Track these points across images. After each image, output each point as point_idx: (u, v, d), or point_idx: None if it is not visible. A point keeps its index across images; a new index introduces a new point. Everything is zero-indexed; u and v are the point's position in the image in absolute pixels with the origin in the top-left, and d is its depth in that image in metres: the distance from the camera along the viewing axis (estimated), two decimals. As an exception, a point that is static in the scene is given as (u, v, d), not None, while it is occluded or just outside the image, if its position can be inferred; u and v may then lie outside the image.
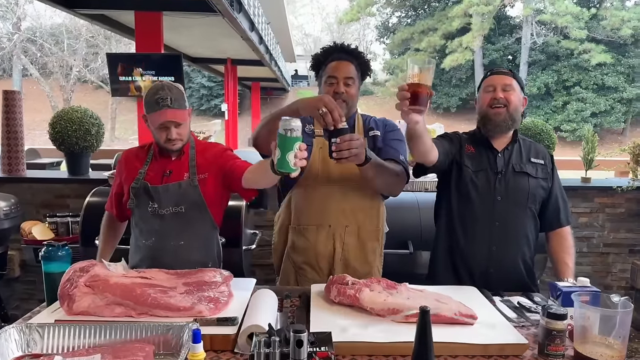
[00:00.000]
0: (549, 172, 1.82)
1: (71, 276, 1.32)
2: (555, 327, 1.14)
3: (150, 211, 1.76)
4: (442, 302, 1.34)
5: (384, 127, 1.92)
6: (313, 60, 1.89)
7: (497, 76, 1.79)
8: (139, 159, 1.84)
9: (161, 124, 1.69)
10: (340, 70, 1.77)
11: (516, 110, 1.77)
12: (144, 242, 1.78)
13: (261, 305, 1.33)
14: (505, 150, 1.81)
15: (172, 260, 1.74)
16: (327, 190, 1.81)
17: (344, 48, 1.84)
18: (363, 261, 1.86)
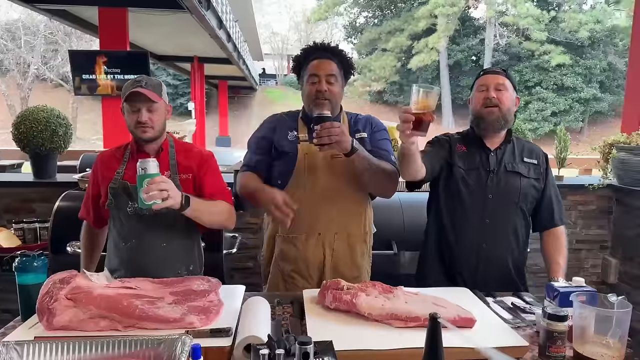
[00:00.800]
0: (542, 173, 1.83)
1: (50, 289, 1.23)
2: (557, 329, 1.14)
3: (130, 211, 1.69)
4: (441, 306, 1.32)
5: (370, 127, 1.89)
6: (294, 61, 1.88)
7: (490, 76, 1.80)
8: (116, 159, 1.77)
9: (132, 105, 1.64)
10: (321, 68, 1.75)
11: (508, 110, 1.77)
12: (123, 245, 1.71)
13: (256, 315, 1.28)
14: (498, 149, 1.82)
15: (154, 263, 1.69)
16: (315, 198, 1.77)
17: (324, 47, 1.81)
18: (352, 266, 1.84)
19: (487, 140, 1.83)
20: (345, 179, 1.77)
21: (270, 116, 1.96)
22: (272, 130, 1.86)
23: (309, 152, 1.77)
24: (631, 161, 3.06)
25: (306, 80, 1.78)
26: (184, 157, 1.77)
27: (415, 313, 1.27)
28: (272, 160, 1.83)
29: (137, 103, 1.64)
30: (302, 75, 1.82)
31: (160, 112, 1.70)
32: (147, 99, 1.64)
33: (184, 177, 1.74)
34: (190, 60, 15.60)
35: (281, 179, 1.80)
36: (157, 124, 1.69)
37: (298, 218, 1.74)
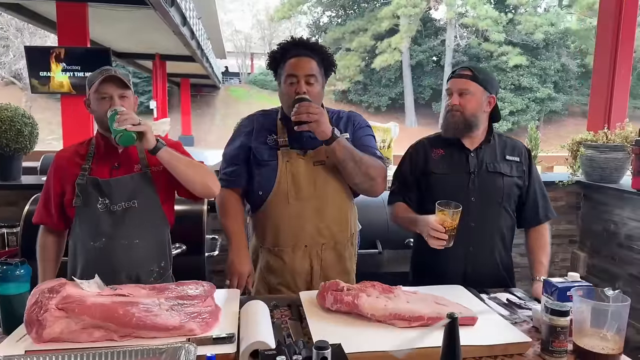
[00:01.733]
0: (524, 170, 1.82)
1: (39, 299, 1.15)
2: (559, 324, 1.16)
3: (100, 208, 1.61)
4: (442, 305, 1.33)
5: (352, 125, 1.81)
6: (269, 58, 1.75)
7: (456, 80, 1.75)
8: (79, 155, 1.68)
9: (103, 91, 1.58)
10: (300, 68, 1.64)
11: (473, 114, 1.73)
12: (92, 244, 1.62)
13: (257, 319, 1.24)
14: (478, 149, 1.79)
15: (126, 262, 1.63)
16: (299, 209, 1.69)
17: (303, 43, 1.70)
18: (342, 272, 1.79)
19: (465, 141, 1.79)
20: (329, 186, 1.71)
21: (245, 118, 1.86)
22: (248, 135, 1.76)
23: (290, 160, 1.70)
24: (598, 158, 3.18)
25: (284, 79, 1.67)
26: None
27: (419, 312, 1.27)
28: (251, 168, 1.75)
29: (108, 90, 1.58)
30: (279, 73, 1.71)
31: (130, 102, 1.64)
32: (119, 85, 1.59)
33: (155, 169, 1.68)
34: (151, 58, 15.21)
35: (262, 190, 1.72)
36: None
37: (283, 230, 1.72)
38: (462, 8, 25.74)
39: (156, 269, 1.70)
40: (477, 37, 25.48)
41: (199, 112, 27.58)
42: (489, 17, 23.89)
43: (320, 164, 1.70)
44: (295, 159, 1.70)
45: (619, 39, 3.31)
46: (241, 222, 1.77)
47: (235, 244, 1.72)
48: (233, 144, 1.79)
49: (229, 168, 1.77)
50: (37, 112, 24.43)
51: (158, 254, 1.72)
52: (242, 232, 1.75)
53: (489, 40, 24.74)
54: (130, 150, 1.68)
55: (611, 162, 3.15)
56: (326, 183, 1.71)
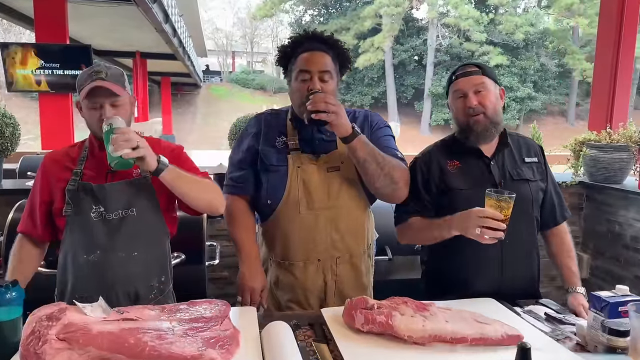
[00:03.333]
0: (543, 169, 1.69)
1: (36, 328, 1.00)
2: (619, 345, 1.07)
3: (94, 217, 1.46)
4: (484, 323, 1.21)
5: (369, 125, 1.65)
6: (279, 52, 1.59)
7: (466, 78, 1.56)
8: (70, 158, 1.53)
9: (93, 100, 1.43)
10: (314, 63, 1.48)
11: (495, 112, 1.57)
12: (85, 258, 1.46)
13: (283, 343, 1.12)
14: (496, 156, 1.62)
15: (124, 276, 1.47)
16: (312, 219, 1.55)
17: (317, 36, 1.54)
18: (358, 287, 1.65)
19: (482, 147, 1.62)
20: (344, 194, 1.57)
21: (252, 118, 1.70)
22: (255, 138, 1.61)
23: (302, 165, 1.55)
24: (602, 159, 3.13)
25: (295, 76, 1.52)
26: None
27: (461, 334, 1.16)
28: (259, 173, 1.60)
29: (98, 98, 1.43)
30: (290, 69, 1.55)
31: (125, 107, 1.48)
32: (110, 93, 1.43)
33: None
34: (132, 56, 14.87)
35: (271, 199, 1.57)
36: (122, 117, 1.46)
37: (294, 243, 1.57)
38: (444, 8, 25.88)
39: (156, 284, 1.55)
40: (459, 37, 25.66)
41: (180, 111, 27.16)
42: (471, 17, 24.07)
43: (334, 170, 1.55)
44: (307, 164, 1.55)
45: (621, 38, 3.27)
46: (252, 230, 1.63)
47: (246, 255, 1.58)
48: (240, 147, 1.65)
49: (236, 173, 1.63)
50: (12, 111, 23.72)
51: (158, 268, 1.57)
52: (253, 242, 1.61)
53: (470, 40, 24.94)
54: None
55: (615, 163, 3.10)
56: (341, 191, 1.56)
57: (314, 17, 30.67)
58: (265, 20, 31.43)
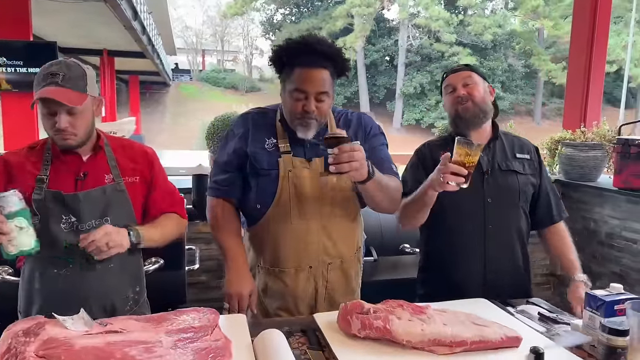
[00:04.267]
0: (536, 167, 1.74)
1: (12, 344, 0.92)
2: (619, 344, 1.06)
3: (64, 228, 1.35)
4: (483, 325, 1.19)
5: (364, 130, 1.60)
6: (274, 54, 1.48)
7: (456, 74, 1.68)
8: (31, 162, 1.38)
9: (47, 106, 1.28)
10: (311, 84, 1.40)
11: (483, 101, 1.64)
12: (55, 272, 1.36)
13: (280, 353, 1.06)
14: (487, 148, 1.69)
15: (99, 290, 1.39)
16: (303, 226, 1.49)
17: (316, 50, 1.41)
18: (347, 292, 1.61)
19: (473, 137, 1.65)
20: (337, 200, 1.52)
21: (238, 118, 1.62)
22: (243, 139, 1.53)
23: (294, 169, 1.48)
24: (577, 157, 3.19)
25: (289, 91, 1.43)
26: (124, 155, 1.47)
27: (461, 337, 1.13)
28: (247, 176, 1.54)
29: (53, 105, 1.27)
30: (284, 78, 1.47)
31: (85, 114, 1.34)
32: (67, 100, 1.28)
33: (130, 180, 1.45)
34: (99, 54, 14.45)
35: (260, 203, 1.51)
36: (81, 129, 1.34)
37: (285, 249, 1.52)
38: (414, 9, 26.16)
39: (131, 295, 1.48)
40: (429, 38, 25.98)
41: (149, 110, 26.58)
42: (441, 18, 24.40)
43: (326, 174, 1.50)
44: (299, 168, 1.49)
45: (593, 41, 3.34)
46: (238, 234, 1.56)
47: (232, 261, 1.51)
48: (225, 149, 1.57)
49: (221, 175, 1.55)
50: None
51: (133, 278, 1.50)
52: (239, 247, 1.55)
53: (440, 40, 25.27)
54: (99, 158, 1.42)
55: (590, 161, 3.16)
56: (333, 197, 1.51)
57: (285, 16, 30.53)
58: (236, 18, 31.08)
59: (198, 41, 36.26)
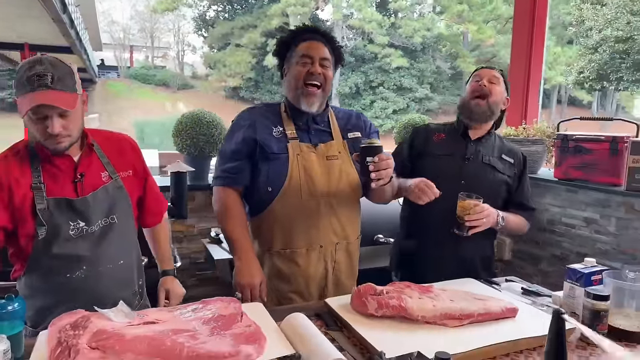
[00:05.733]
0: (516, 173, 1.90)
1: (63, 338, 0.92)
2: (602, 307, 1.23)
3: (73, 234, 1.31)
4: (483, 300, 1.33)
5: (365, 126, 1.76)
6: (278, 43, 1.66)
7: (488, 70, 1.88)
8: (19, 169, 1.29)
9: (37, 111, 1.20)
10: (315, 50, 1.58)
11: (496, 103, 1.82)
12: (67, 277, 1.32)
13: (312, 333, 1.13)
14: (478, 140, 1.86)
15: (112, 287, 1.39)
16: (313, 206, 1.59)
17: (317, 29, 1.65)
18: (351, 274, 1.73)
19: (471, 131, 1.87)
20: (343, 182, 1.63)
21: (244, 112, 1.71)
22: (251, 128, 1.62)
23: (302, 153, 1.59)
24: (521, 151, 3.49)
25: (295, 62, 1.59)
26: (112, 150, 1.45)
27: (469, 310, 1.26)
28: (257, 163, 1.61)
29: (44, 109, 1.21)
30: (289, 58, 1.62)
31: (76, 114, 1.29)
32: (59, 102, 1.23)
33: (125, 174, 1.45)
34: (19, 48, 13.40)
35: (272, 186, 1.59)
36: (74, 130, 1.30)
37: (297, 230, 1.60)
38: (348, 10, 26.69)
39: (137, 289, 1.49)
40: (363, 39, 26.62)
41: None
42: (374, 20, 25.08)
43: (333, 158, 1.62)
44: (307, 152, 1.59)
45: (532, 47, 3.66)
46: (245, 225, 1.62)
47: (242, 250, 1.56)
48: (233, 139, 1.63)
49: (230, 164, 1.61)
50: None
51: (138, 272, 1.52)
52: (247, 238, 1.60)
53: (373, 42, 25.98)
54: (92, 156, 1.40)
55: (532, 155, 3.46)
56: (340, 179, 1.63)
57: (218, 12, 29.96)
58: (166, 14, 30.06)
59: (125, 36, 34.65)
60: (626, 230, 2.57)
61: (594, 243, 2.79)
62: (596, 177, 2.72)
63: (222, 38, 27.30)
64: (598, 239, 2.77)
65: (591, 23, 18.65)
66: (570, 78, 20.87)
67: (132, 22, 35.50)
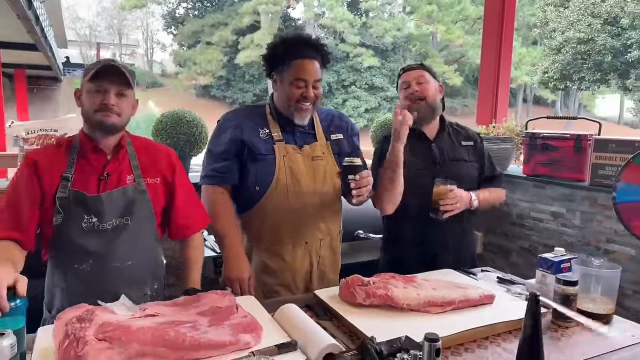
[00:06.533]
0: (478, 153, 1.98)
1: (70, 331, 0.95)
2: (571, 292, 1.33)
3: (85, 227, 1.37)
4: (463, 287, 1.42)
5: (347, 128, 1.83)
6: (270, 50, 1.69)
7: (410, 72, 1.88)
8: (57, 160, 1.41)
9: (98, 83, 1.36)
10: (309, 72, 1.62)
11: (434, 100, 1.86)
12: (76, 267, 1.38)
13: (306, 322, 1.20)
14: (437, 138, 1.91)
15: (117, 286, 1.41)
16: (299, 204, 1.67)
17: (309, 42, 1.68)
18: (333, 269, 1.81)
19: (425, 130, 1.90)
20: (327, 181, 1.71)
21: (228, 113, 1.77)
22: (238, 129, 1.67)
23: (288, 154, 1.66)
24: (491, 149, 3.61)
25: (288, 82, 1.63)
26: (147, 156, 1.52)
27: (450, 297, 1.35)
28: (245, 163, 1.67)
29: (104, 82, 1.36)
30: (281, 71, 1.65)
31: (129, 102, 1.44)
32: (120, 80, 1.38)
33: (151, 181, 1.50)
34: (-19, 44, 12.92)
35: (259, 185, 1.65)
36: (124, 113, 1.42)
37: (284, 227, 1.67)
38: (319, 9, 26.77)
39: (149, 292, 1.51)
40: (335, 38, 26.75)
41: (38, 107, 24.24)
42: (345, 19, 25.25)
43: (317, 159, 1.69)
44: (293, 153, 1.66)
45: (501, 48, 3.82)
46: (234, 222, 1.67)
47: (231, 247, 1.62)
48: (221, 139, 1.68)
49: (219, 163, 1.66)
50: None
51: (151, 275, 1.53)
52: (236, 234, 1.65)
53: (345, 41, 26.14)
54: (121, 158, 1.46)
55: (502, 152, 3.61)
56: (324, 179, 1.70)
57: (188, 10, 29.56)
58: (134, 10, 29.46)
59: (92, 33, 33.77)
60: (590, 223, 2.73)
61: (560, 235, 2.95)
62: (562, 173, 2.87)
63: (192, 36, 26.96)
64: (564, 232, 2.92)
65: (555, 25, 19.29)
66: (535, 78, 21.52)
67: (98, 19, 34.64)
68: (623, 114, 30.00)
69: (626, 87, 18.70)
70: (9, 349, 0.93)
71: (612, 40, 17.96)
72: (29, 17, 9.20)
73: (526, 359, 1.02)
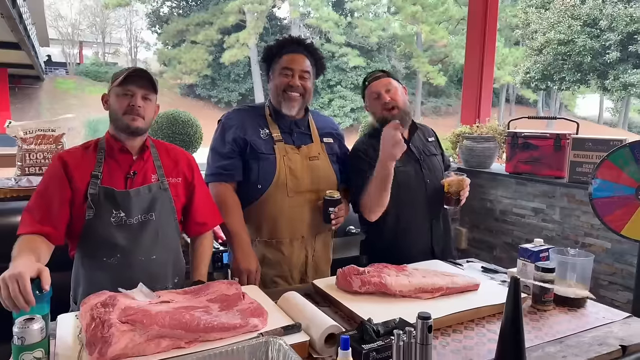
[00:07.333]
0: (439, 145, 2.12)
1: (95, 315, 1.04)
2: (548, 278, 1.46)
3: (113, 221, 1.47)
4: (451, 276, 1.53)
5: (337, 138, 1.94)
6: (265, 51, 1.83)
7: (377, 82, 1.91)
8: (87, 160, 1.51)
9: (126, 87, 1.48)
10: (296, 62, 1.75)
11: (405, 104, 1.92)
12: (104, 260, 1.47)
13: (309, 307, 1.30)
14: (412, 139, 1.99)
15: (142, 279, 1.47)
16: (298, 201, 1.77)
17: (300, 42, 1.81)
18: (326, 261, 1.92)
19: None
20: (323, 179, 1.82)
21: (230, 112, 1.87)
22: (241, 129, 1.77)
23: (287, 154, 1.77)
24: (475, 148, 3.76)
25: (277, 73, 1.76)
26: (168, 157, 1.63)
27: (439, 284, 1.46)
28: (247, 161, 1.77)
29: (132, 86, 1.48)
30: (273, 67, 1.80)
31: (152, 106, 1.55)
32: (146, 84, 1.49)
33: (173, 180, 1.60)
34: (-38, 42, 12.75)
35: (261, 183, 1.76)
36: (148, 116, 1.53)
37: (282, 222, 1.77)
38: (305, 9, 26.84)
39: (171, 287, 1.59)
40: (320, 38, 26.85)
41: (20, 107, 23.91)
42: (330, 19, 25.36)
43: (314, 159, 1.79)
44: (291, 153, 1.76)
45: (485, 47, 3.96)
46: (241, 217, 1.76)
47: (240, 241, 1.71)
48: (225, 137, 1.77)
49: (225, 161, 1.75)
50: None
51: (173, 270, 1.62)
52: (244, 228, 1.74)
53: (331, 41, 26.26)
54: (146, 158, 1.56)
55: (485, 151, 3.76)
56: (320, 177, 1.81)
57: (172, 9, 29.40)
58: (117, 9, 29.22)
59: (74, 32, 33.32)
60: (569, 218, 2.88)
61: (541, 230, 3.09)
62: (542, 171, 3.01)
63: (177, 35, 26.82)
64: (545, 227, 3.07)
65: (536, 26, 19.69)
66: (517, 78, 21.92)
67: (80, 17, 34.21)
68: (603, 114, 30.73)
69: (605, 87, 19.17)
70: (39, 332, 1.01)
71: (592, 41, 18.41)
72: (12, 15, 9.11)
73: (508, 336, 1.13)
